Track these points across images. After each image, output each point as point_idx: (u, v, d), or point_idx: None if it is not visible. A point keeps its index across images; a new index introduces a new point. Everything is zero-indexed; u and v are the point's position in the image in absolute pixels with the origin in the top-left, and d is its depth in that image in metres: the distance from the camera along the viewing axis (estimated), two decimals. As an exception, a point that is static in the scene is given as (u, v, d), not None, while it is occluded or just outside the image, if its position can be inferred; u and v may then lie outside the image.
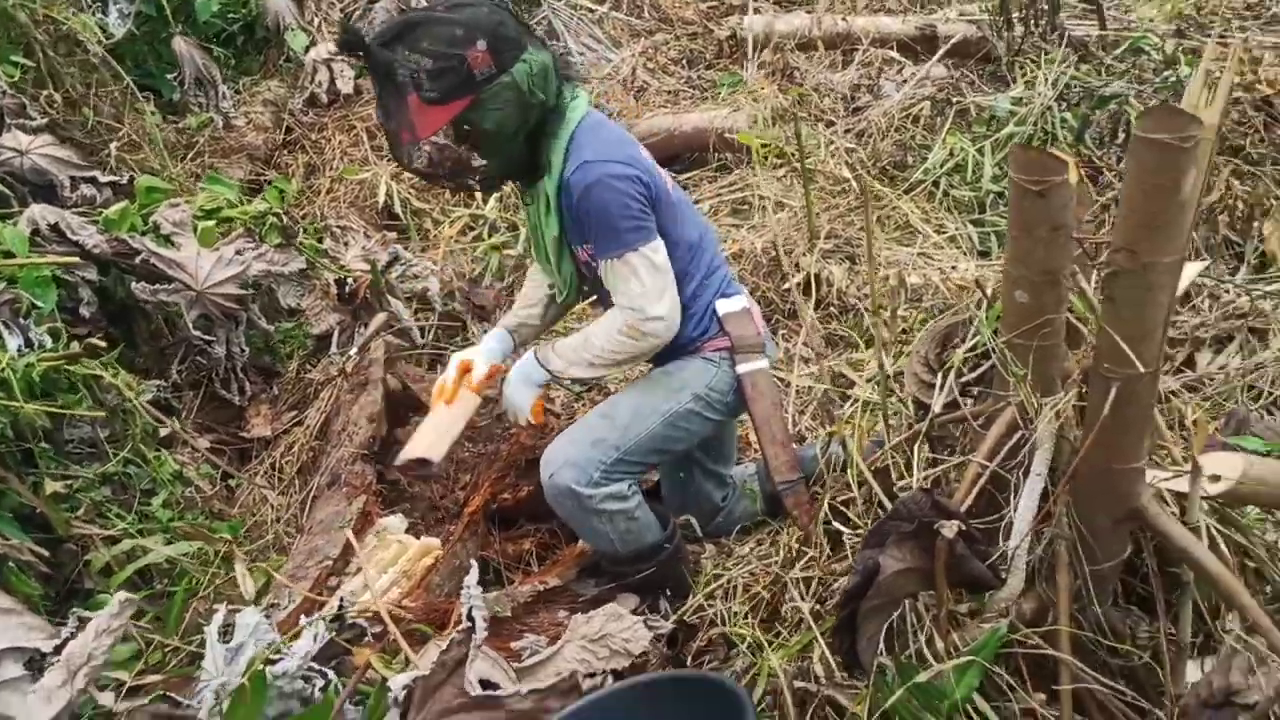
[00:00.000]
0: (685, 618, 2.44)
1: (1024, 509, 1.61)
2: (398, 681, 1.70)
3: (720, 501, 2.74)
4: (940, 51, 4.63)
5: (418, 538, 2.55)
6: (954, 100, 4.14)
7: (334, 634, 1.77)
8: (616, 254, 2.14)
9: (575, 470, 2.28)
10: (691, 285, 2.34)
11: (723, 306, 2.39)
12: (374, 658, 1.74)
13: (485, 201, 4.15)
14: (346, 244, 3.76)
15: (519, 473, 2.71)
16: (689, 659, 2.37)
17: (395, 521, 2.62)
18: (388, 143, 2.23)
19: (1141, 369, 1.47)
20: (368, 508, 2.59)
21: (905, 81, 4.55)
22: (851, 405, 2.23)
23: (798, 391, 3.15)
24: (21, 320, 2.25)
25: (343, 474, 2.71)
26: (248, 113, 4.60)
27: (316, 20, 5.10)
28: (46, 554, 2.15)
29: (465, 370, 2.45)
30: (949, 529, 1.53)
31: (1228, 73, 1.62)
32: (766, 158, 4.32)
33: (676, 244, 2.27)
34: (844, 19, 5.72)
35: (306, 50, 4.72)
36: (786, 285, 3.66)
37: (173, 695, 1.71)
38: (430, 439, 2.41)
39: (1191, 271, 2.02)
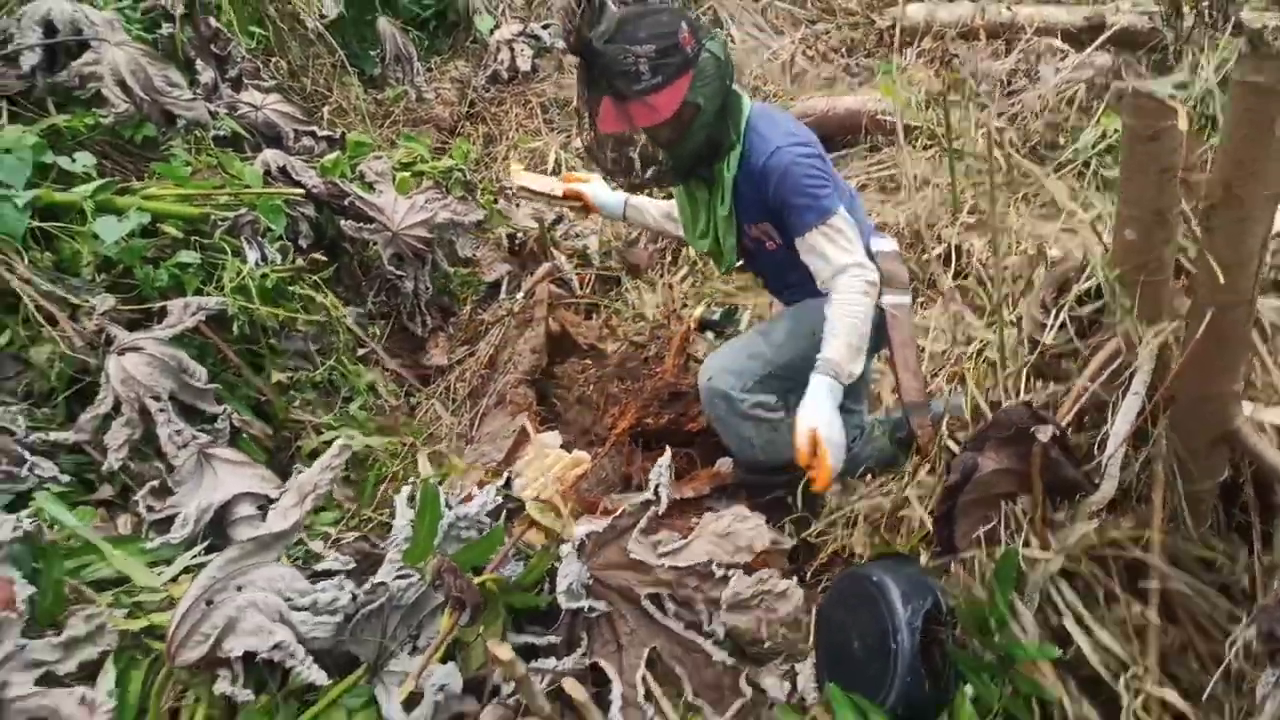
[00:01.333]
0: (808, 539, 2.67)
1: (1120, 422, 1.76)
2: (579, 530, 2.00)
3: (850, 442, 2.93)
4: (1103, 37, 4.62)
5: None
6: (1112, 84, 4.15)
7: (503, 498, 2.09)
8: (822, 221, 2.30)
9: (731, 376, 2.52)
10: None
11: (876, 245, 2.57)
12: (539, 515, 2.05)
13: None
14: (518, 204, 4.14)
15: (662, 403, 2.99)
16: (807, 574, 2.60)
17: (552, 438, 2.94)
18: (595, 148, 2.35)
19: (1236, 297, 1.61)
20: (528, 423, 2.93)
21: (1063, 68, 4.57)
22: (972, 348, 2.38)
23: (930, 356, 3.30)
24: (258, 238, 2.69)
25: (508, 395, 3.06)
26: (437, 88, 5.07)
27: (502, 6, 5.55)
28: (270, 431, 2.57)
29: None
30: (1044, 433, 1.71)
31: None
32: (917, 139, 4.46)
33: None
34: (1008, 8, 5.74)
35: (492, 32, 5.15)
36: (927, 256, 3.80)
37: (370, 538, 2.07)
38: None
39: None
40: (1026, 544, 1.83)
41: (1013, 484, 1.80)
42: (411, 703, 1.74)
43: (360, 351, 3.15)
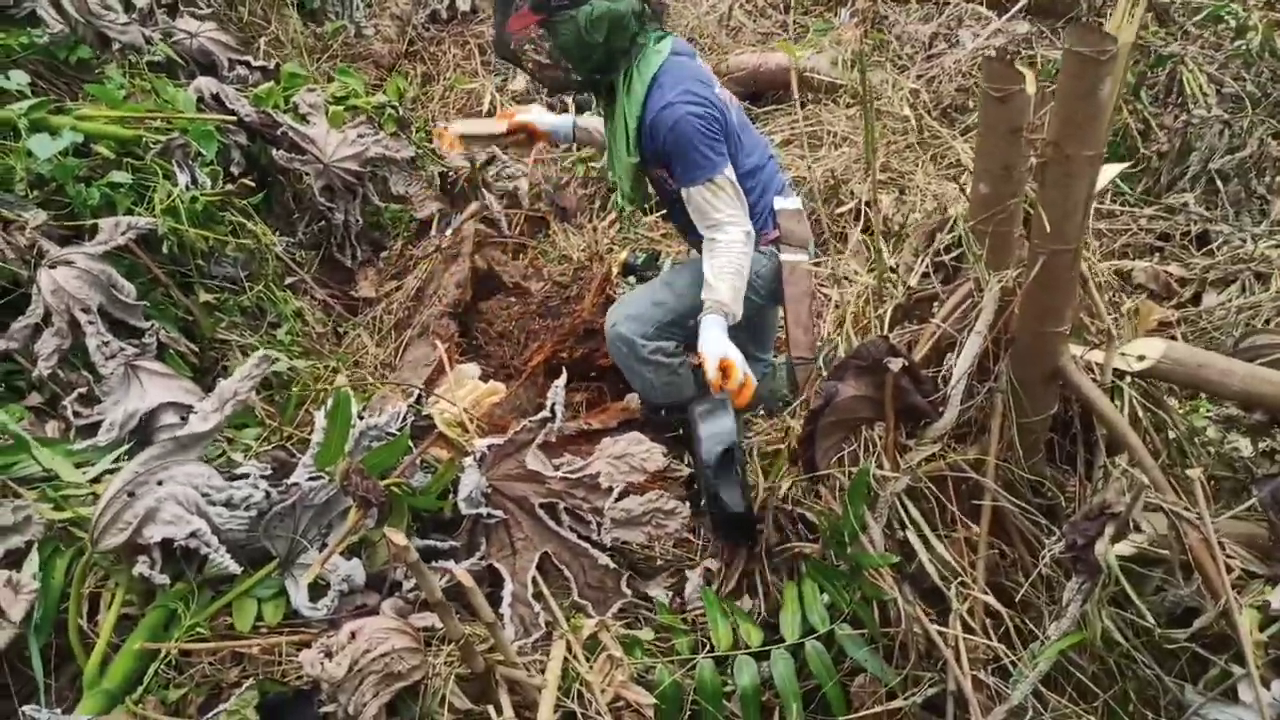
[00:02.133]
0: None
1: (964, 357, 1.98)
2: (479, 443, 2.17)
3: (754, 380, 3.16)
4: (1018, 6, 4.82)
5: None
6: (1023, 52, 4.37)
7: (413, 416, 2.26)
8: (705, 180, 2.51)
9: (634, 323, 2.76)
10: (754, 192, 2.73)
11: (779, 203, 2.81)
12: (447, 429, 2.22)
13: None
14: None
15: (578, 339, 3.17)
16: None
17: (471, 369, 3.11)
18: (494, 31, 2.67)
19: (1064, 245, 1.82)
20: (449, 354, 3.08)
21: (981, 34, 4.78)
22: (853, 291, 2.59)
23: (835, 304, 3.52)
24: (190, 162, 2.78)
25: (431, 326, 3.21)
26: (376, 24, 5.11)
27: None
28: (196, 349, 2.69)
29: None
30: (895, 364, 1.92)
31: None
32: (840, 97, 4.64)
33: (741, 161, 2.67)
34: (940, -27, 5.92)
35: (430, -31, 5.19)
36: (840, 210, 4.00)
37: (288, 448, 2.23)
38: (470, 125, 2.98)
39: (1110, 172, 2.35)
40: (880, 466, 2.06)
41: (869, 410, 2.01)
42: (319, 595, 1.92)
43: (289, 280, 3.26)
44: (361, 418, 2.07)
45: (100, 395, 2.36)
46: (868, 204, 3.90)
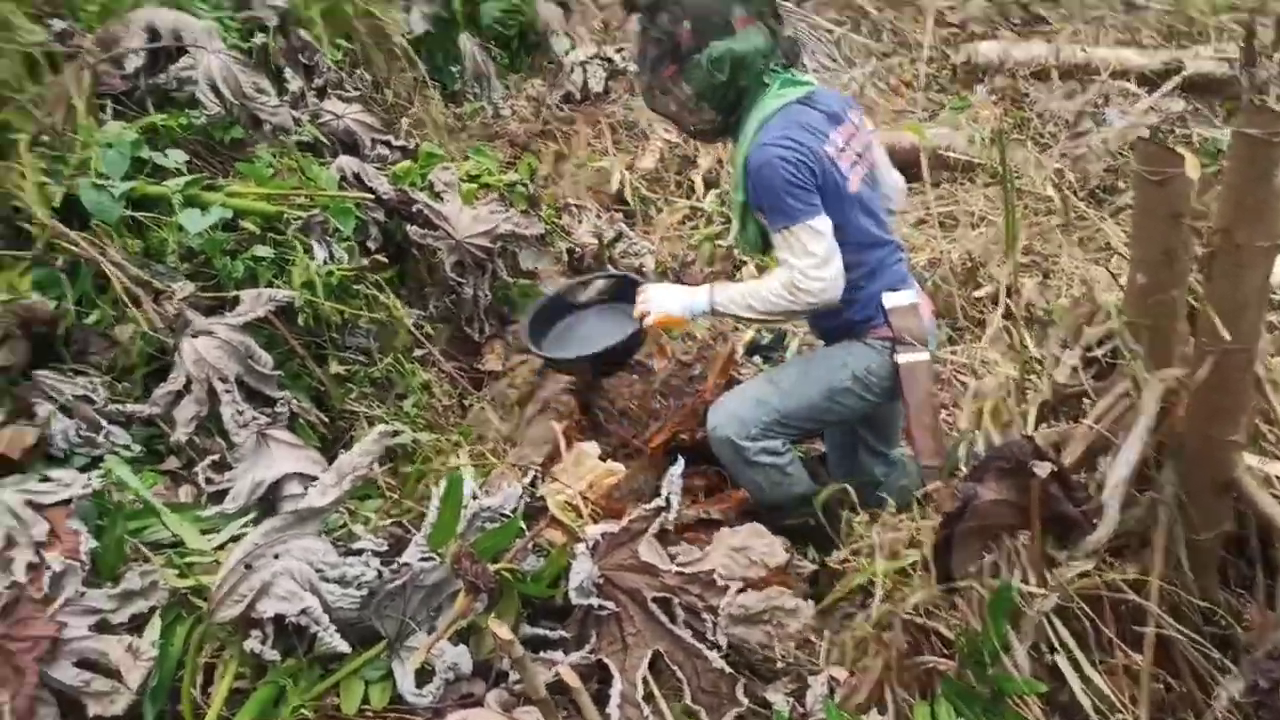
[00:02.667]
0: (832, 565, 2.74)
1: (1119, 464, 1.81)
2: (592, 530, 2.12)
3: (880, 476, 3.01)
4: (1171, 84, 4.61)
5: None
6: (1177, 131, 4.14)
7: (528, 498, 2.22)
8: (784, 226, 2.46)
9: (737, 424, 2.67)
10: (860, 272, 2.59)
11: (889, 300, 2.65)
12: (560, 513, 2.17)
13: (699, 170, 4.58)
14: (580, 220, 4.29)
15: (700, 419, 3.09)
16: (827, 599, 2.67)
17: (590, 448, 3.06)
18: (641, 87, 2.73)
19: (1236, 344, 1.65)
20: (568, 433, 3.05)
21: (1130, 112, 4.57)
22: (992, 383, 2.43)
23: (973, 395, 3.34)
24: (328, 238, 2.88)
25: (552, 403, 3.19)
26: (513, 105, 5.27)
27: (580, 28, 5.75)
28: (325, 420, 2.74)
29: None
30: (1041, 469, 1.76)
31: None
32: (978, 177, 4.50)
33: (849, 233, 2.54)
34: (1083, 49, 5.74)
35: (567, 53, 5.34)
36: (978, 294, 3.84)
37: (405, 524, 2.22)
38: None
39: None
40: (1026, 580, 1.89)
41: (1011, 516, 1.85)
42: (425, 680, 1.87)
43: (418, 352, 3.32)
44: (476, 497, 2.04)
45: (232, 463, 2.41)
46: (1009, 289, 3.72)
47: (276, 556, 1.85)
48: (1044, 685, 1.79)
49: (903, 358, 2.61)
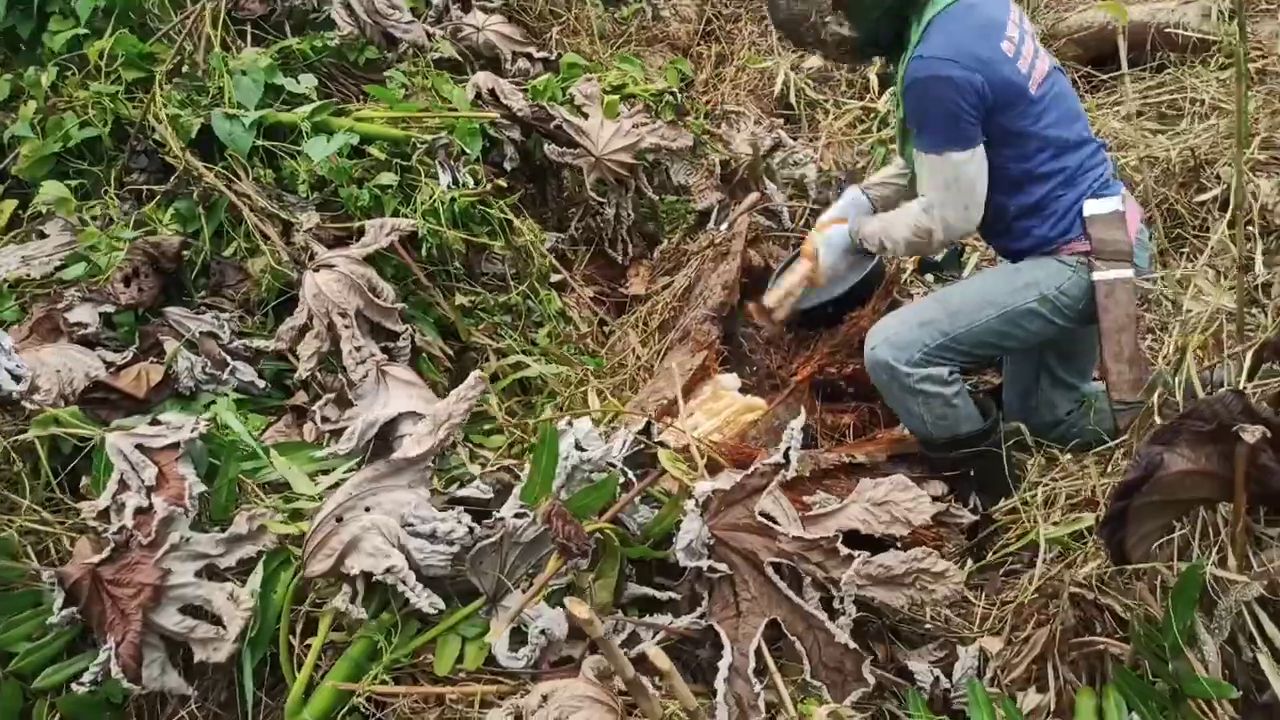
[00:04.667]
0: (996, 517, 2.42)
1: (1362, 430, 1.41)
2: (702, 487, 1.92)
3: (1064, 415, 2.62)
4: None
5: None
6: None
7: (642, 445, 2.04)
8: (928, 150, 2.17)
9: (896, 348, 2.34)
10: (1051, 184, 2.26)
11: (1090, 207, 2.27)
12: (670, 465, 1.98)
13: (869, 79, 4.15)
14: (738, 129, 3.98)
15: (850, 351, 2.79)
16: (989, 554, 2.37)
17: (730, 380, 2.85)
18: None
19: None
20: (707, 363, 2.84)
21: None
22: (1199, 315, 1.99)
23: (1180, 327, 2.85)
24: (453, 162, 2.75)
25: (693, 331, 2.98)
26: (675, 5, 4.94)
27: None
28: (451, 353, 2.66)
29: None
30: (1251, 434, 1.40)
31: None
32: (1212, 58, 3.81)
33: (1035, 141, 2.22)
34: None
35: (732, -53, 4.94)
36: (1201, 198, 3.27)
37: (512, 469, 2.10)
38: (778, 295, 2.66)
39: None
40: (1224, 564, 1.54)
41: (1208, 489, 1.50)
42: (521, 641, 1.76)
43: (556, 278, 3.18)
44: (580, 448, 1.88)
45: (353, 400, 2.37)
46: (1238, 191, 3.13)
47: (368, 509, 1.77)
48: (1235, 690, 1.46)
49: (1101, 275, 2.24)
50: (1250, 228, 3.14)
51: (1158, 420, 1.78)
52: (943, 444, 2.42)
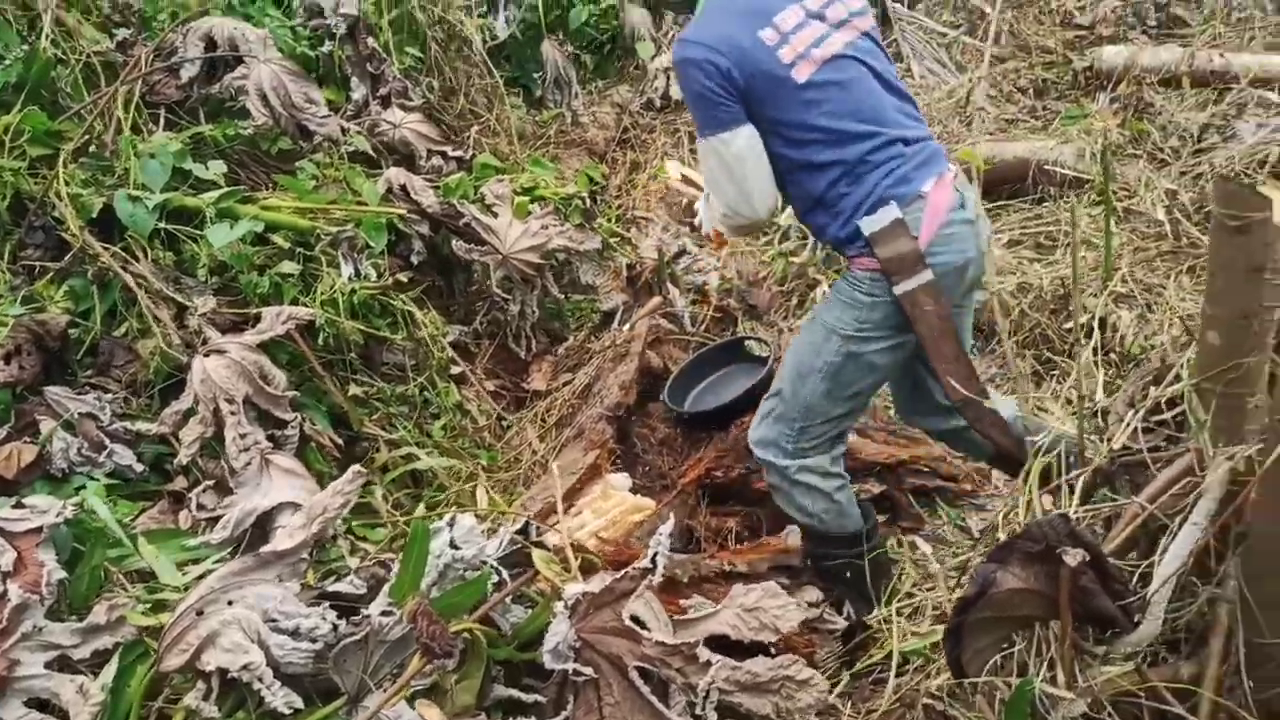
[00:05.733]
0: (871, 624, 2.50)
1: (1171, 555, 1.52)
2: (571, 589, 1.94)
3: (954, 422, 2.44)
4: (1315, 93, 4.09)
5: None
6: (1313, 150, 3.67)
7: (519, 544, 2.06)
8: (698, 136, 2.17)
9: (770, 448, 2.34)
10: (830, 176, 2.12)
11: (866, 226, 2.11)
12: (545, 567, 2.00)
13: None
14: (646, 234, 4.12)
15: (738, 455, 2.88)
16: (859, 663, 2.43)
17: (621, 479, 2.90)
18: None
19: (1318, 427, 1.36)
20: (599, 461, 2.89)
21: (1267, 125, 4.09)
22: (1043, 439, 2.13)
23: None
24: (356, 254, 2.80)
25: (586, 429, 3.04)
26: (594, 112, 5.14)
27: (670, 32, 5.57)
28: (340, 443, 2.66)
29: None
30: (1073, 556, 1.50)
31: None
32: (1086, 195, 4.12)
33: (806, 131, 2.09)
34: (1221, 55, 5.21)
35: (652, 59, 5.18)
36: (1069, 325, 3.48)
37: (386, 563, 2.10)
38: None
39: None
40: (1054, 680, 1.62)
41: (1037, 607, 1.59)
42: (382, 741, 1.74)
43: (456, 370, 3.22)
44: (455, 546, 1.90)
45: (233, 488, 2.35)
46: (1102, 321, 3.36)
47: (230, 603, 1.76)
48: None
49: (900, 288, 2.11)
50: (1111, 353, 3.37)
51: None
52: (835, 539, 2.42)
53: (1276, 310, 1.47)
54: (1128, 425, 1.79)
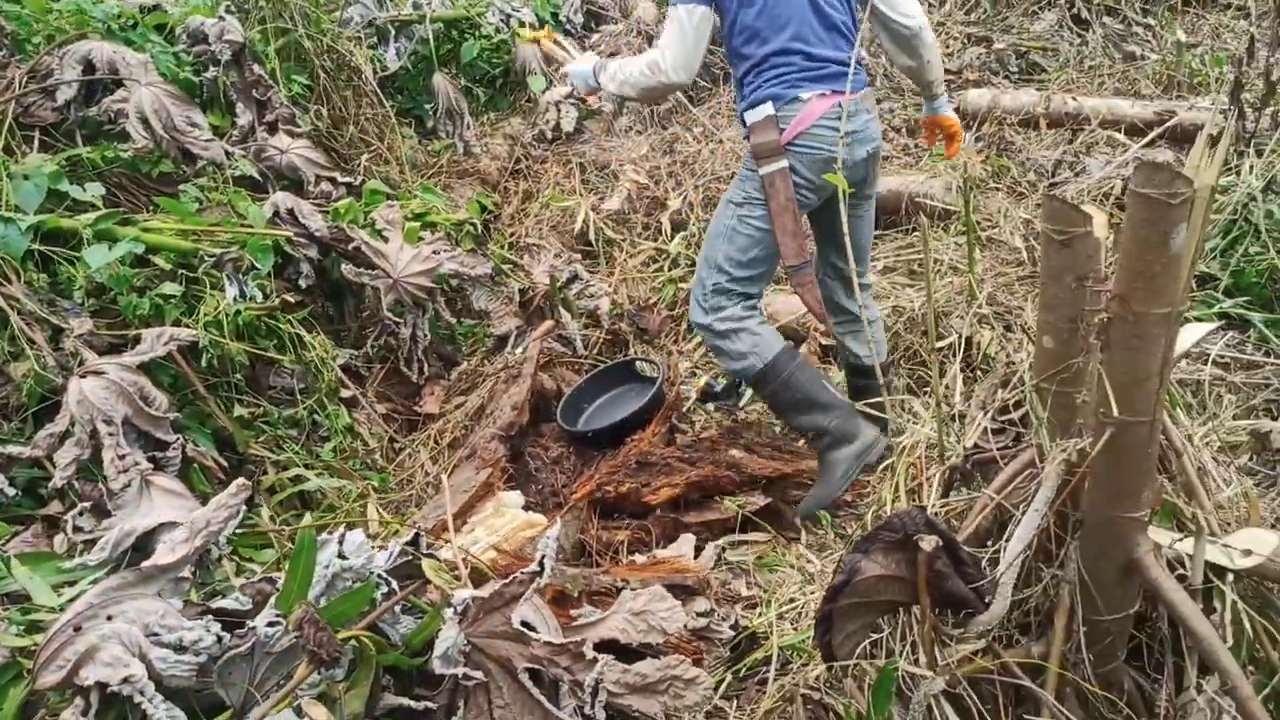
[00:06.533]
0: (755, 629, 2.59)
1: (1015, 539, 1.66)
2: (460, 595, 1.97)
3: (852, 309, 3.20)
4: (1153, 135, 4.47)
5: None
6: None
7: (410, 556, 2.09)
8: (671, 3, 2.73)
9: (695, 308, 2.93)
10: (745, 65, 2.77)
11: (749, 116, 2.78)
12: (435, 575, 2.03)
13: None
14: (539, 261, 4.19)
15: (628, 471, 2.96)
16: (745, 668, 2.52)
17: (514, 497, 2.94)
18: None
19: (1135, 417, 1.51)
20: (492, 479, 2.93)
21: (1113, 161, 4.43)
22: (910, 439, 2.29)
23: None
24: (241, 276, 2.79)
25: (479, 449, 3.07)
26: (487, 143, 5.20)
27: (560, 67, 5.70)
28: (225, 465, 2.63)
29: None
30: (928, 543, 1.62)
31: (1225, 138, 1.64)
32: (951, 226, 4.38)
33: (738, 26, 2.73)
34: (1074, 99, 5.62)
35: (543, 92, 5.28)
36: (940, 345, 3.69)
37: (273, 579, 2.09)
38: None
39: (1195, 333, 1.96)
40: (917, 661, 1.74)
41: (899, 592, 1.70)
42: (268, 753, 1.73)
43: (346, 394, 3.21)
44: (343, 556, 1.91)
45: (111, 510, 2.30)
46: (967, 340, 3.57)
47: (110, 618, 1.73)
48: (926, 781, 1.64)
49: (764, 169, 2.74)
50: (976, 370, 3.59)
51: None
52: (771, 373, 2.86)
53: (1098, 315, 1.63)
54: (978, 425, 1.94)
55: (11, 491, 2.30)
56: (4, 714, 1.76)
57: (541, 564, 1.96)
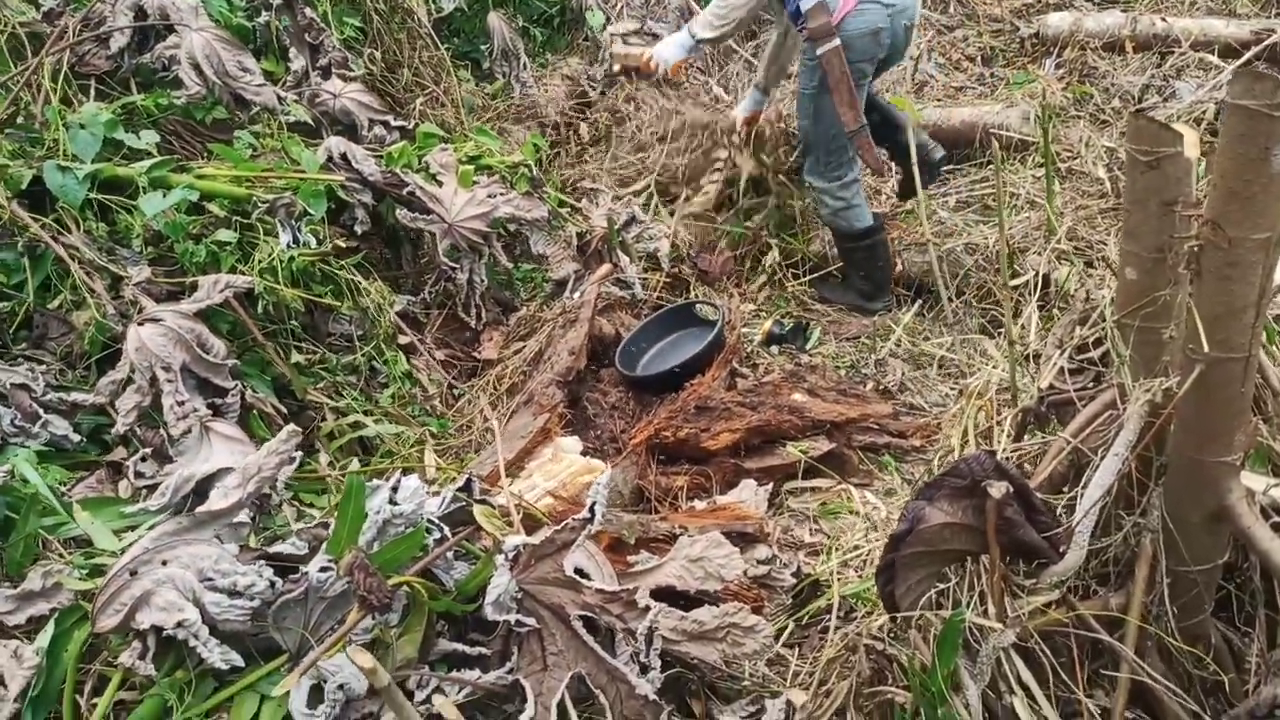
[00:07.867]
0: (818, 576, 2.53)
1: (1094, 485, 1.56)
2: (511, 541, 1.94)
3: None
4: (1249, 55, 4.16)
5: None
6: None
7: (462, 502, 2.06)
8: None
9: (813, 177, 3.73)
10: None
11: (804, 4, 3.36)
12: (487, 521, 2.00)
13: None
14: (597, 204, 4.11)
15: (686, 416, 2.89)
16: (807, 615, 2.46)
17: (571, 442, 2.91)
18: None
19: (1227, 353, 1.39)
20: (549, 425, 2.89)
21: (1205, 85, 4.15)
22: (981, 380, 2.17)
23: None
24: (294, 222, 2.77)
25: (537, 395, 3.04)
26: (544, 83, 5.10)
27: (619, 4, 5.55)
28: (285, 411, 2.64)
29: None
30: (996, 489, 1.52)
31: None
32: (1030, 157, 4.16)
33: None
34: (1163, 19, 5.28)
35: (603, 28, 5.15)
36: (1015, 283, 3.52)
37: (329, 523, 2.08)
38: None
39: None
40: (986, 613, 1.65)
41: (966, 541, 1.62)
42: (321, 698, 1.74)
43: (404, 340, 3.20)
44: (394, 503, 1.89)
45: (173, 456, 2.32)
46: (1045, 278, 3.40)
47: (164, 563, 1.74)
48: (994, 736, 1.56)
49: (820, 49, 3.37)
50: (1055, 309, 3.42)
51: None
52: (858, 234, 3.72)
53: (1188, 242, 1.50)
54: (1054, 365, 1.83)
55: (77, 437, 2.33)
56: (69, 655, 1.79)
57: (592, 510, 1.92)
